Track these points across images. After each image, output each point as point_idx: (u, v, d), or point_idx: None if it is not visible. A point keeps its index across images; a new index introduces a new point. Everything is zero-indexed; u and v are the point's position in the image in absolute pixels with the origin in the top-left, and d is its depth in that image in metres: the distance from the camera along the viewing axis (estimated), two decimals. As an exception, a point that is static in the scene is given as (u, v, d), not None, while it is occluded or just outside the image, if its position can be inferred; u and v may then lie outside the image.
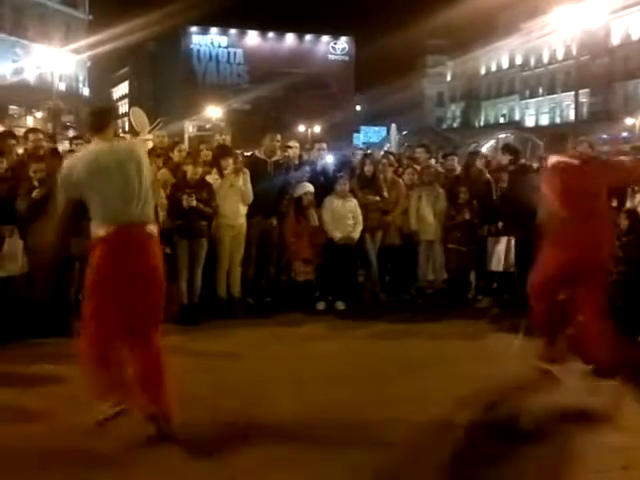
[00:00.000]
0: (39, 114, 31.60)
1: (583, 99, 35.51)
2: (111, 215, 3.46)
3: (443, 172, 7.51)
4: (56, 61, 29.73)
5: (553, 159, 4.54)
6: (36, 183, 5.39)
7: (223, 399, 4.06)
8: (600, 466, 3.28)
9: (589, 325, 4.27)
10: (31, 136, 6.34)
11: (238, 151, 7.21)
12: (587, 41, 29.75)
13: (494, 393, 4.20)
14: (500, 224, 6.62)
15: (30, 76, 35.30)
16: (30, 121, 31.45)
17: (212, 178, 6.28)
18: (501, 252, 6.52)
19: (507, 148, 7.47)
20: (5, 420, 3.50)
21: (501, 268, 6.51)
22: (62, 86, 36.70)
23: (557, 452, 3.41)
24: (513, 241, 6.47)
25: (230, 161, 6.26)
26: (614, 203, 6.34)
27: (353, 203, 6.73)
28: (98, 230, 3.47)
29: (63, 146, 8.23)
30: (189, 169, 6.12)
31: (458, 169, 7.46)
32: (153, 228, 3.60)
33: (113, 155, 3.53)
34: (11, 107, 33.84)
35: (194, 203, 5.89)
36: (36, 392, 3.90)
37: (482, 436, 3.63)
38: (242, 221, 6.31)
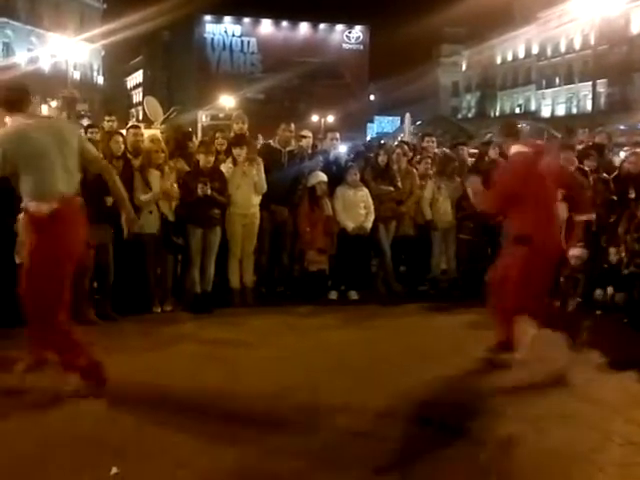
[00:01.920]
0: (54, 103, 31.76)
1: (601, 89, 34.96)
2: (51, 190, 3.56)
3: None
4: (71, 50, 29.84)
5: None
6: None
7: (235, 387, 4.07)
8: (619, 460, 3.25)
9: None
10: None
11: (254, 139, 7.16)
12: (605, 30, 29.21)
13: (510, 382, 4.17)
14: None
15: (45, 65, 35.50)
16: (45, 110, 31.61)
17: (226, 167, 6.27)
18: None
19: None
20: (16, 405, 3.52)
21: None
22: (77, 75, 36.87)
23: (574, 445, 3.38)
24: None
25: (243, 150, 6.24)
26: (632, 194, 6.25)
27: (364, 193, 6.70)
28: (40, 207, 3.53)
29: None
30: (201, 157, 6.11)
31: (468, 160, 7.42)
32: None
33: (49, 132, 3.60)
34: (26, 96, 34.04)
35: (209, 191, 5.89)
36: (49, 376, 3.92)
37: (499, 424, 3.61)
38: (254, 210, 6.29)
